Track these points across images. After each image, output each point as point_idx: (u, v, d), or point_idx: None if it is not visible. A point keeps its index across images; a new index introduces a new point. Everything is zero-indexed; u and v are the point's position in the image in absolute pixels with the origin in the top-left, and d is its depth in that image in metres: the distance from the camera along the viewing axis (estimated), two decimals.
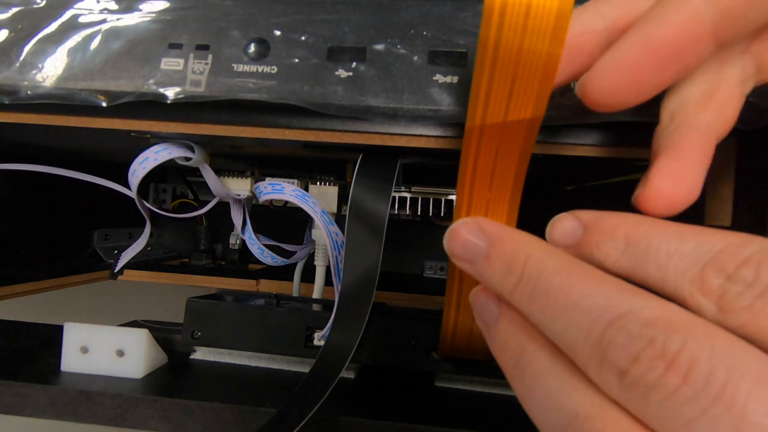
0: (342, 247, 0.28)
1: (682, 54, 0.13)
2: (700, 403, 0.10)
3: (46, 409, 0.24)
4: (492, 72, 0.15)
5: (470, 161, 0.18)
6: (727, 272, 0.12)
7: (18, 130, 0.28)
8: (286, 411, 0.21)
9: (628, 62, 0.14)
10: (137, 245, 0.36)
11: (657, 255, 0.13)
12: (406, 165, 0.29)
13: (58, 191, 0.43)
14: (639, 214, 0.15)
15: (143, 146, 0.27)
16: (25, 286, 0.38)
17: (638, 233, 0.14)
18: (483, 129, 0.17)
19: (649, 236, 0.13)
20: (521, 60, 0.15)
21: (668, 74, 0.14)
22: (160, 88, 0.24)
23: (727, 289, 0.12)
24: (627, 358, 0.11)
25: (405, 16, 0.23)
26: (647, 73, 0.14)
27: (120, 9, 0.25)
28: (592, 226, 0.15)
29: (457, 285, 0.20)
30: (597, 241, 0.15)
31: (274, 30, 0.24)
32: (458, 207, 0.19)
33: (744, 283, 0.11)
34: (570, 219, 0.15)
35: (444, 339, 0.24)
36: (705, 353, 0.10)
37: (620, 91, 0.14)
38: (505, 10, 0.14)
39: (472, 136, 0.17)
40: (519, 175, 0.18)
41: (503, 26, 0.14)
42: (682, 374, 0.10)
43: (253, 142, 0.26)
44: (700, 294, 0.12)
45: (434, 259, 0.54)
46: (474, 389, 0.27)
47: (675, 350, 0.10)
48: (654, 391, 0.11)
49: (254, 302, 0.29)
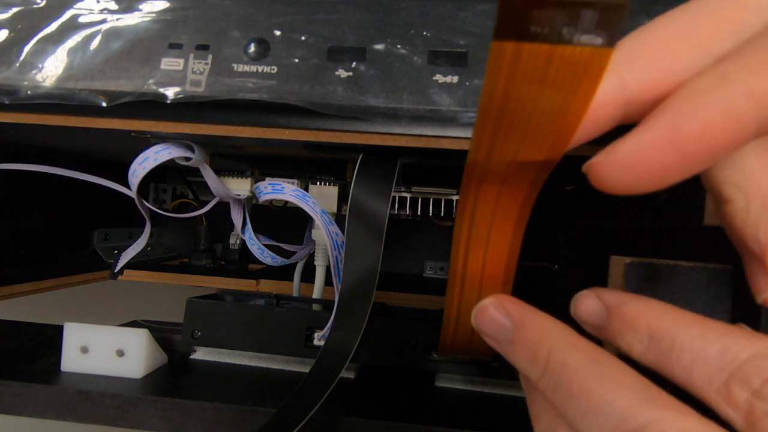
0: (342, 247, 0.28)
1: (717, 153, 0.11)
2: None
3: (46, 409, 0.24)
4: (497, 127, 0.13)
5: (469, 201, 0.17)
6: (753, 387, 0.12)
7: (18, 130, 0.28)
8: (286, 411, 0.21)
9: (652, 158, 0.12)
10: (137, 245, 0.36)
11: (681, 356, 0.13)
12: (406, 165, 0.29)
13: (58, 191, 0.43)
14: (662, 303, 0.14)
15: (143, 146, 0.27)
16: (25, 286, 0.38)
17: (661, 327, 0.13)
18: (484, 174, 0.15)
19: (672, 333, 0.13)
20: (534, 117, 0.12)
21: (696, 170, 0.12)
22: (160, 88, 0.24)
23: (753, 404, 0.12)
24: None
25: (405, 16, 0.23)
26: (672, 170, 0.12)
27: (120, 9, 0.25)
28: (615, 312, 0.15)
29: (459, 284, 0.20)
30: (620, 331, 0.14)
31: (274, 30, 0.24)
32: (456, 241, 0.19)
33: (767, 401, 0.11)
34: (593, 300, 0.15)
35: (444, 339, 0.24)
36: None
37: (638, 183, 0.12)
38: (519, 57, 0.11)
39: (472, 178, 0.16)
40: (522, 217, 0.17)
41: (515, 76, 0.12)
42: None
43: (253, 142, 0.26)
44: (727, 405, 0.12)
45: (434, 259, 0.54)
46: (474, 389, 0.27)
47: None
48: None
49: (254, 302, 0.29)
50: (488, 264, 0.19)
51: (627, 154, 0.12)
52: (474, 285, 0.20)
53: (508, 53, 0.11)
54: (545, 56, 0.11)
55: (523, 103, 0.12)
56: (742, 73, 0.11)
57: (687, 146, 0.11)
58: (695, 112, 0.11)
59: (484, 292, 0.20)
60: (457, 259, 0.19)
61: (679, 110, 0.11)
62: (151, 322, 0.32)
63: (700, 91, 0.11)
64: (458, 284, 0.20)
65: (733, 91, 0.11)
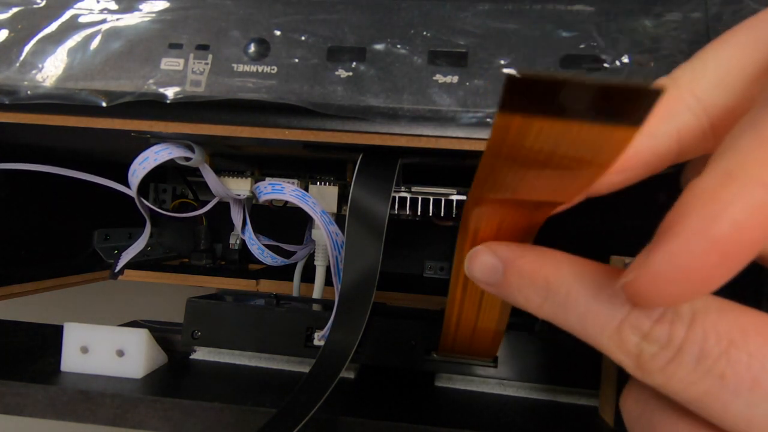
0: (342, 247, 0.28)
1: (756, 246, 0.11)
2: None
3: (46, 409, 0.24)
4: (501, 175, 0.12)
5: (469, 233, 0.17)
6: (642, 331, 0.12)
7: (18, 130, 0.28)
8: (286, 411, 0.21)
9: (694, 268, 0.11)
10: (137, 245, 0.36)
11: (576, 306, 0.13)
12: (406, 165, 0.29)
13: (58, 191, 0.43)
14: (557, 252, 0.14)
15: (143, 146, 0.27)
16: (25, 286, 0.38)
17: (558, 279, 0.14)
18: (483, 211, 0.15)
19: (568, 284, 0.13)
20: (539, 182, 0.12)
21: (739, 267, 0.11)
22: (160, 88, 0.24)
23: (643, 348, 0.12)
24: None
25: (405, 16, 0.23)
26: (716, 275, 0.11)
27: (120, 9, 0.25)
28: (512, 265, 0.15)
29: (461, 284, 0.20)
30: (518, 285, 0.14)
31: (274, 30, 0.24)
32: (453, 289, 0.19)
33: (659, 343, 0.12)
34: (489, 255, 0.15)
35: (445, 338, 0.24)
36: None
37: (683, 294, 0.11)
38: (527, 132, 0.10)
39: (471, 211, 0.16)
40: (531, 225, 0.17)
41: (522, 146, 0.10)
42: None
43: (253, 142, 0.26)
44: (619, 350, 0.12)
45: (434, 259, 0.54)
46: (474, 389, 0.27)
47: None
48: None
49: (254, 302, 0.29)
50: None
51: (665, 268, 0.11)
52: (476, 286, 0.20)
53: (515, 126, 0.10)
54: (559, 130, 0.10)
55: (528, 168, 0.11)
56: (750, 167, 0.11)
57: (726, 247, 0.11)
58: (719, 214, 0.11)
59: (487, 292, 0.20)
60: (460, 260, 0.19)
61: (701, 215, 0.11)
62: (151, 322, 0.32)
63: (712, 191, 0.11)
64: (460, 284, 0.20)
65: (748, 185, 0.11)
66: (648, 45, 0.22)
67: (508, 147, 0.11)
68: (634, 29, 0.22)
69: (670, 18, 0.22)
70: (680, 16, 0.22)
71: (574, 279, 0.13)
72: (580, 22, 0.22)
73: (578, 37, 0.22)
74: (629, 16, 0.22)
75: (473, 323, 0.22)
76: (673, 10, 0.22)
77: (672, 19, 0.22)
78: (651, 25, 0.22)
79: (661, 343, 0.12)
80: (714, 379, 0.11)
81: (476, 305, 0.20)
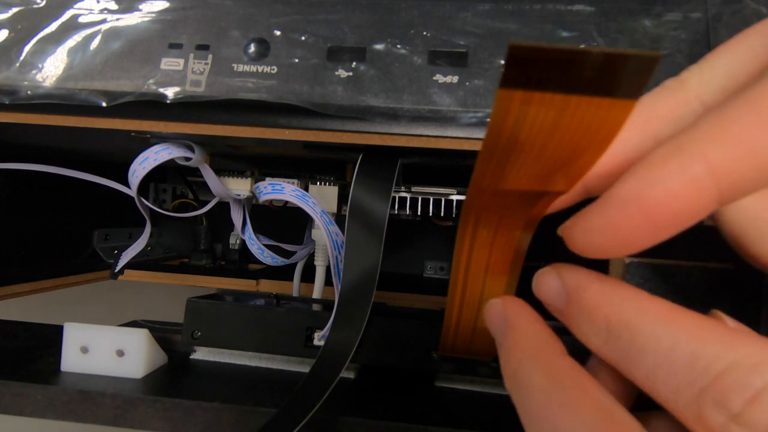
0: (342, 247, 0.28)
1: (683, 218, 0.11)
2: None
3: (46, 409, 0.24)
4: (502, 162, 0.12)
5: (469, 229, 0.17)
6: (730, 410, 0.10)
7: (18, 130, 0.28)
8: (286, 411, 0.21)
9: (620, 224, 0.12)
10: (137, 245, 0.36)
11: (643, 358, 0.11)
12: (406, 165, 0.29)
13: (58, 191, 0.43)
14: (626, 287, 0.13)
15: (143, 146, 0.27)
16: (25, 286, 0.38)
17: (621, 320, 0.12)
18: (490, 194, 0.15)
19: (633, 328, 0.12)
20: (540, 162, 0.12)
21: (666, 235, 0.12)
22: (160, 88, 0.24)
23: (731, 430, 0.10)
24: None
25: (405, 16, 0.23)
26: (642, 236, 0.12)
27: (120, 9, 0.25)
28: (574, 295, 0.14)
29: (461, 284, 0.20)
30: (578, 321, 0.14)
31: (274, 30, 0.24)
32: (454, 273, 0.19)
33: (752, 430, 0.10)
34: (553, 278, 0.15)
35: (445, 338, 0.24)
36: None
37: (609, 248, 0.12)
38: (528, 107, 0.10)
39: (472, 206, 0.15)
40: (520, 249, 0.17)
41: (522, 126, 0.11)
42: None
43: (253, 142, 0.26)
44: (696, 425, 0.10)
45: (434, 259, 0.54)
46: (474, 389, 0.27)
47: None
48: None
49: (254, 302, 0.29)
50: (492, 265, 0.19)
51: (596, 220, 0.12)
52: (476, 285, 0.20)
53: (516, 101, 0.10)
54: (558, 106, 0.10)
55: (531, 147, 0.11)
56: (697, 142, 0.11)
57: (653, 212, 0.11)
58: (656, 179, 0.11)
59: (487, 292, 0.20)
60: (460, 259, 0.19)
61: (642, 177, 0.12)
62: (151, 322, 0.32)
63: (660, 159, 0.12)
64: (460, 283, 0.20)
65: (690, 159, 0.11)
66: (648, 45, 0.22)
67: (509, 126, 0.11)
68: (634, 29, 0.22)
69: (670, 18, 0.22)
70: (680, 16, 0.22)
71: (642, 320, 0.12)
72: (580, 22, 0.22)
73: (578, 37, 0.22)
74: (629, 16, 0.22)
75: (473, 323, 0.22)
76: (673, 10, 0.22)
77: (672, 19, 0.22)
78: (651, 25, 0.22)
79: (755, 428, 0.10)
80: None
81: (476, 305, 0.20)
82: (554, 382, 0.13)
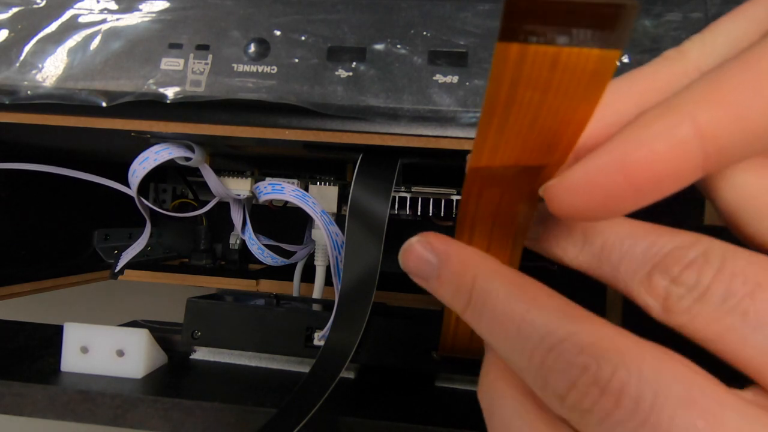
0: (342, 247, 0.28)
1: (665, 183, 0.12)
2: (630, 426, 0.11)
3: (46, 409, 0.24)
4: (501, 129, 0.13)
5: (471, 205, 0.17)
6: (672, 275, 0.12)
7: (18, 130, 0.28)
8: (286, 411, 0.21)
9: (601, 184, 0.12)
10: (137, 245, 0.36)
11: (610, 255, 0.14)
12: (406, 165, 0.29)
13: (58, 191, 0.43)
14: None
15: (143, 146, 0.27)
16: (25, 286, 0.38)
17: (594, 230, 0.14)
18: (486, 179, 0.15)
19: (604, 234, 0.14)
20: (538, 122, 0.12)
21: (647, 200, 0.12)
22: (160, 88, 0.24)
23: (671, 291, 0.12)
24: (565, 385, 0.12)
25: (405, 16, 0.23)
26: (623, 198, 0.12)
27: (120, 9, 0.25)
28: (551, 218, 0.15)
29: None
30: (556, 236, 0.15)
31: (274, 30, 0.24)
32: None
33: (686, 286, 0.12)
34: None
35: (444, 339, 0.24)
36: (633, 378, 0.11)
37: (589, 210, 0.12)
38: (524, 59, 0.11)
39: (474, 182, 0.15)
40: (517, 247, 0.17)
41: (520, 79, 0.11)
42: (614, 399, 0.11)
43: (253, 142, 0.26)
44: (647, 294, 0.13)
45: None
46: (474, 389, 0.27)
47: (607, 377, 0.11)
48: (591, 415, 0.11)
49: (254, 302, 0.29)
50: None
51: (577, 179, 0.12)
52: None
53: (513, 55, 0.11)
54: (551, 58, 0.11)
55: (527, 106, 0.12)
56: (687, 104, 0.11)
57: (635, 173, 0.11)
58: (641, 140, 0.11)
59: None
60: None
61: (626, 137, 0.12)
62: (151, 322, 0.32)
63: (648, 120, 0.12)
64: None
65: (678, 120, 0.11)
66: (648, 45, 0.22)
67: (506, 84, 0.11)
68: (634, 29, 0.22)
69: (670, 18, 0.22)
70: (680, 16, 0.22)
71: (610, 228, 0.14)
72: None
73: None
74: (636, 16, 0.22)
75: None
76: (673, 10, 0.22)
77: (672, 19, 0.22)
78: (651, 25, 0.22)
79: (688, 286, 0.12)
80: (737, 316, 0.11)
81: None
82: (514, 284, 0.14)
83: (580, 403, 0.11)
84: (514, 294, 0.13)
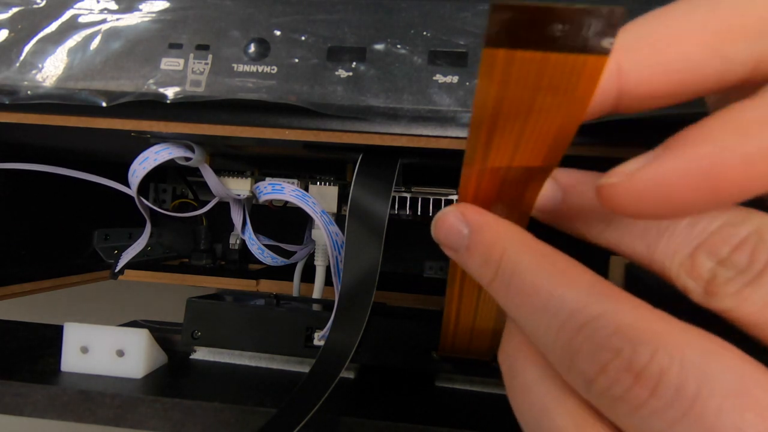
0: (342, 247, 0.28)
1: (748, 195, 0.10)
2: (669, 416, 0.10)
3: (46, 409, 0.24)
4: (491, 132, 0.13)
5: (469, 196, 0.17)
6: (719, 256, 0.11)
7: (18, 130, 0.28)
8: (286, 411, 0.21)
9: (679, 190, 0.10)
10: (137, 245, 0.36)
11: (646, 233, 0.12)
12: (406, 165, 0.29)
13: (58, 191, 0.43)
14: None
15: (143, 146, 0.27)
16: (25, 286, 0.38)
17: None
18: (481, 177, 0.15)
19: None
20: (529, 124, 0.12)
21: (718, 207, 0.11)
22: (160, 88, 0.24)
23: (717, 273, 0.11)
24: (594, 368, 0.11)
25: (405, 16, 0.23)
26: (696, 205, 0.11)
27: (120, 9, 0.25)
28: (573, 191, 0.14)
29: (458, 284, 0.20)
30: (579, 210, 0.14)
31: (274, 30, 0.24)
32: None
33: (736, 269, 0.11)
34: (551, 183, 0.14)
35: (444, 339, 0.24)
36: (675, 365, 0.10)
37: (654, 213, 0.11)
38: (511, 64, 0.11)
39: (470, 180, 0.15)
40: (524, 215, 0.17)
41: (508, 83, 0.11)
42: (650, 387, 0.10)
43: (253, 142, 0.26)
44: (687, 276, 0.11)
45: (434, 259, 0.54)
46: (474, 389, 0.27)
47: (643, 363, 0.10)
48: (622, 403, 0.10)
49: (254, 302, 0.29)
50: None
51: (650, 181, 0.11)
52: (474, 284, 0.20)
53: (500, 61, 0.11)
54: (538, 64, 0.10)
55: (517, 109, 0.12)
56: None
57: (722, 184, 0.10)
58: (739, 148, 0.10)
59: (485, 291, 0.20)
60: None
61: (722, 143, 0.10)
62: (151, 322, 0.32)
63: (751, 124, 0.10)
64: (457, 283, 0.20)
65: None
66: None
67: (494, 90, 0.11)
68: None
69: None
70: None
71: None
72: None
73: None
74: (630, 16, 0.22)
75: (471, 322, 0.22)
76: None
77: None
78: None
79: (739, 268, 0.11)
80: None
81: (473, 304, 0.20)
82: (543, 257, 0.13)
83: (609, 389, 0.10)
84: (543, 266, 0.12)
